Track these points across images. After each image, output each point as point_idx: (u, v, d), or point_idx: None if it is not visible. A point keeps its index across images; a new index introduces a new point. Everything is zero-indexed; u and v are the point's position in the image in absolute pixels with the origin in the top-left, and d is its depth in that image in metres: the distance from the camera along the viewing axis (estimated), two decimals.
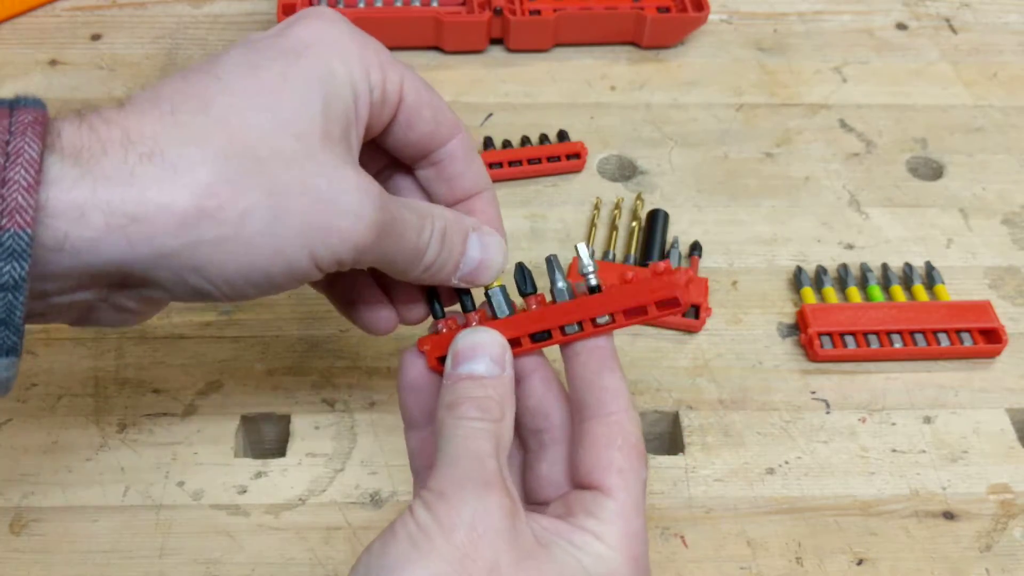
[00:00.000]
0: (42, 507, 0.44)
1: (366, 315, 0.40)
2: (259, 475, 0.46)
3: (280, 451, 0.47)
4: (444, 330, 0.37)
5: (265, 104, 0.31)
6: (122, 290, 0.32)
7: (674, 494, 0.46)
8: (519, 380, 0.37)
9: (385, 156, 0.39)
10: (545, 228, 0.58)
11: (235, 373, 0.50)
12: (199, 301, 0.32)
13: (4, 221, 0.27)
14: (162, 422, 0.48)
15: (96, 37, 0.70)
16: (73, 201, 0.28)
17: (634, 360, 0.52)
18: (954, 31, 0.74)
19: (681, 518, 0.45)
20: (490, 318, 0.37)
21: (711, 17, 0.73)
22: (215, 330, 0.52)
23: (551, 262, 0.37)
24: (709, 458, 0.48)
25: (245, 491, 0.45)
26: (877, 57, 0.71)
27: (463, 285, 0.38)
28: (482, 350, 0.35)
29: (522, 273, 0.37)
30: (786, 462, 0.48)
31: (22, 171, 0.27)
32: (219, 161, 0.30)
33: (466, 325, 0.37)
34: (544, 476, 0.36)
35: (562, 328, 0.36)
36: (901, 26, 0.74)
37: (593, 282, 0.36)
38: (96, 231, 0.28)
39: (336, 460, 0.47)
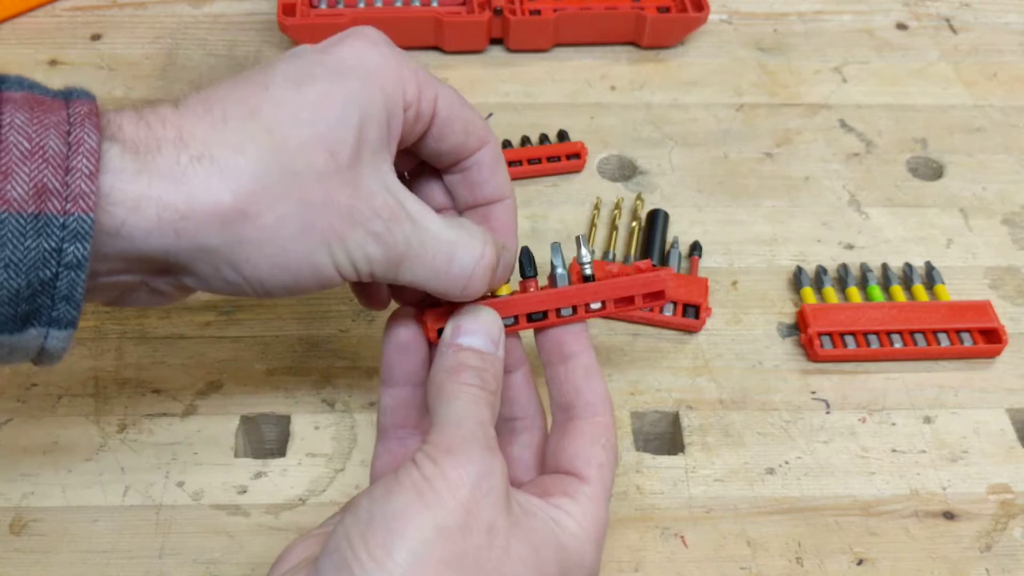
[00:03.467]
0: (42, 507, 0.44)
1: (371, 298, 0.43)
2: (259, 475, 0.46)
3: (280, 451, 0.47)
4: (444, 303, 0.39)
5: (306, 119, 0.33)
6: (163, 276, 0.34)
7: (674, 494, 0.46)
8: (504, 373, 0.39)
9: (416, 158, 0.41)
10: (545, 228, 0.58)
11: (235, 373, 0.50)
12: (230, 294, 0.35)
13: (69, 206, 0.30)
14: (162, 422, 0.48)
15: (96, 37, 0.70)
16: (131, 193, 0.31)
17: (634, 360, 0.52)
18: (954, 31, 0.74)
19: (681, 518, 0.45)
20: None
21: (711, 17, 0.73)
22: (215, 330, 0.52)
23: (555, 248, 0.41)
24: (709, 458, 0.48)
25: (245, 491, 0.45)
26: (877, 57, 0.71)
27: None
28: (483, 328, 0.38)
29: (529, 257, 0.41)
30: (786, 462, 0.48)
31: (84, 160, 0.30)
32: (261, 169, 0.32)
33: None
34: (515, 458, 0.40)
35: (558, 311, 0.39)
36: (901, 26, 0.74)
37: (588, 272, 0.40)
38: (149, 222, 0.31)
39: (336, 460, 0.47)
